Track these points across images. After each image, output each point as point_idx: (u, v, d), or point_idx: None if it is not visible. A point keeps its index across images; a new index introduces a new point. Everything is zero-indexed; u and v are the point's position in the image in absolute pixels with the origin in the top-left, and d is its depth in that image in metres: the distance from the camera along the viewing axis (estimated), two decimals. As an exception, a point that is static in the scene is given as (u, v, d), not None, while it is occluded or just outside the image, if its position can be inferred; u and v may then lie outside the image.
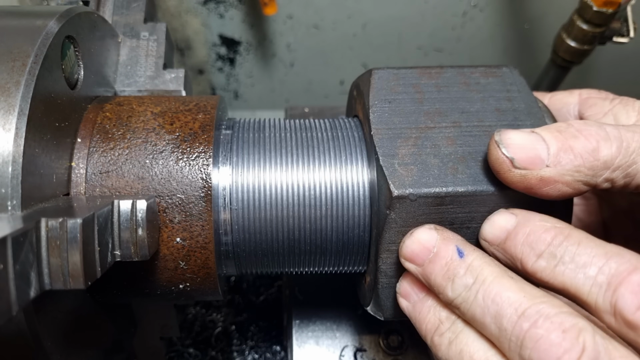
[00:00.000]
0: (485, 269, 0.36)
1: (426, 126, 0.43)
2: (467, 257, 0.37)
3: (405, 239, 0.41)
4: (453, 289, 0.37)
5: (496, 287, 0.35)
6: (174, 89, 0.54)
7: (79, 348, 0.43)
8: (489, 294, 0.35)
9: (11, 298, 0.27)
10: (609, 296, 0.32)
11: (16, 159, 0.34)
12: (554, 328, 0.31)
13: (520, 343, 0.32)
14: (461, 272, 0.37)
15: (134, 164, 0.43)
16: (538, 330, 0.32)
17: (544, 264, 0.35)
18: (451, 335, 0.37)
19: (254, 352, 0.77)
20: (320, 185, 0.45)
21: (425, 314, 0.40)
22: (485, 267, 0.36)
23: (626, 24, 0.81)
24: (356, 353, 0.62)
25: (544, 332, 0.32)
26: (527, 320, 0.32)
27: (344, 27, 1.07)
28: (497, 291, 0.35)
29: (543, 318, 0.32)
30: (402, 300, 0.42)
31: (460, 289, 0.37)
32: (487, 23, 1.08)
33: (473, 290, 0.36)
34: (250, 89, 1.18)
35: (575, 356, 0.30)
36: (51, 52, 0.38)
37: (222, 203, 0.44)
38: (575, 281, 0.34)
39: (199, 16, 1.03)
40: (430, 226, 0.40)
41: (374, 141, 0.42)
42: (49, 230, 0.31)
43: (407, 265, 0.41)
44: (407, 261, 0.40)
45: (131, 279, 0.44)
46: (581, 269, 0.34)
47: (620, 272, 0.32)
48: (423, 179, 0.40)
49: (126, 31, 0.56)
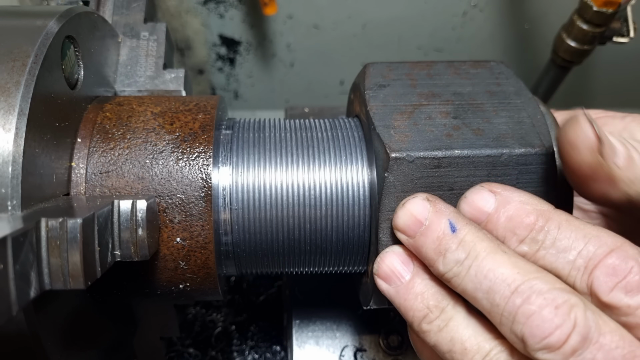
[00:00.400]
0: (477, 244, 0.36)
1: (420, 104, 0.45)
2: (459, 231, 0.37)
3: (398, 209, 0.40)
4: (444, 263, 0.37)
5: (489, 262, 0.35)
6: (174, 89, 0.54)
7: (79, 348, 0.43)
8: (482, 269, 0.35)
9: (11, 298, 0.27)
10: (585, 279, 0.34)
11: (16, 159, 0.34)
12: (547, 304, 0.32)
13: (512, 319, 0.33)
14: (453, 246, 0.37)
15: (134, 164, 0.43)
16: (531, 306, 0.32)
17: (526, 249, 0.36)
18: (440, 323, 0.37)
19: (254, 352, 0.77)
20: (320, 185, 0.45)
21: (411, 302, 0.39)
22: (478, 242, 0.36)
23: (626, 24, 0.81)
24: (356, 353, 0.62)
25: (536, 308, 0.32)
26: (520, 296, 0.33)
27: (344, 27, 1.07)
28: (489, 267, 0.35)
29: (536, 294, 0.32)
30: (382, 282, 0.41)
31: (452, 263, 0.36)
32: (487, 23, 1.08)
33: (465, 265, 0.36)
34: (250, 89, 1.18)
35: (567, 332, 0.31)
36: (51, 52, 0.38)
37: (222, 203, 0.44)
38: (555, 265, 0.35)
39: (199, 16, 1.03)
40: (423, 196, 0.39)
41: (370, 115, 0.43)
42: (49, 230, 0.31)
43: (399, 236, 0.40)
44: (399, 232, 0.40)
45: (131, 279, 0.44)
46: (561, 254, 0.35)
47: (597, 255, 0.34)
48: (419, 143, 0.41)
49: (126, 31, 0.56)
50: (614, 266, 0.33)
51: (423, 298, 0.38)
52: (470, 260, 0.36)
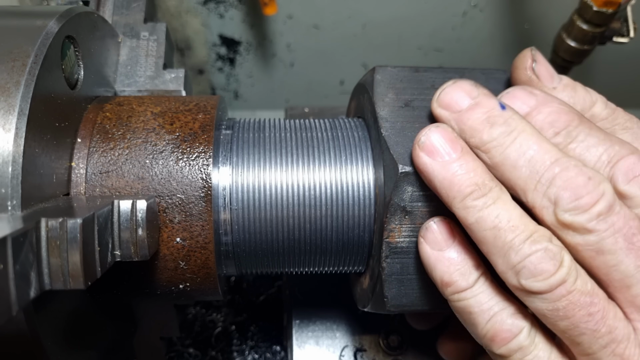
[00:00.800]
0: (524, 124, 0.39)
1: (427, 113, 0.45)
2: (508, 110, 0.40)
3: (445, 86, 0.42)
4: (490, 132, 0.39)
5: (534, 138, 0.38)
6: (174, 89, 0.54)
7: (79, 348, 0.43)
8: (527, 141, 0.38)
9: (11, 298, 0.27)
10: (607, 170, 0.39)
11: (16, 159, 0.34)
12: (582, 174, 0.36)
13: (549, 183, 0.37)
14: (500, 120, 0.39)
15: (134, 164, 0.43)
16: (569, 172, 0.37)
17: (560, 140, 0.40)
18: (488, 200, 0.38)
19: (254, 352, 0.77)
20: (320, 185, 0.45)
21: (459, 176, 0.38)
22: (525, 123, 0.39)
23: (626, 24, 0.81)
24: (356, 353, 0.62)
25: (573, 174, 0.36)
26: (560, 165, 0.37)
27: (344, 27, 1.07)
28: (535, 140, 0.38)
29: (573, 165, 0.37)
30: (425, 156, 0.40)
31: (497, 134, 0.39)
32: (487, 23, 1.08)
33: (511, 136, 0.39)
34: (250, 89, 1.18)
35: (596, 198, 0.36)
36: (51, 52, 0.38)
37: (222, 203, 0.44)
38: (584, 157, 0.40)
39: (199, 16, 1.03)
40: (471, 82, 0.42)
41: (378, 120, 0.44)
42: (49, 230, 0.31)
43: (439, 111, 0.41)
44: (441, 108, 0.41)
45: (131, 279, 0.44)
46: (591, 148, 0.40)
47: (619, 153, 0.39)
48: None
49: (126, 31, 0.56)
50: (633, 163, 0.38)
51: (473, 174, 0.38)
52: (516, 133, 0.39)
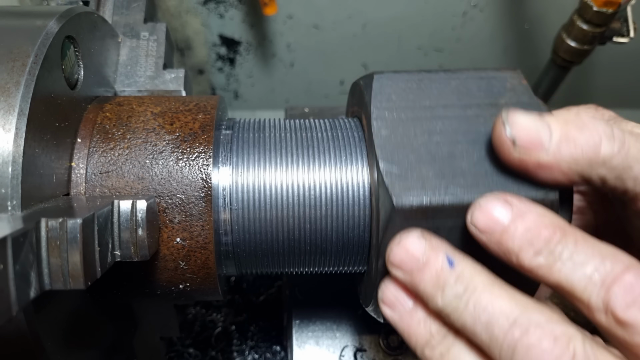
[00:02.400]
0: (475, 278, 0.36)
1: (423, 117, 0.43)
2: (457, 265, 0.37)
3: (393, 245, 0.40)
4: (443, 297, 0.37)
5: (487, 295, 0.35)
6: (174, 89, 0.54)
7: (79, 348, 0.43)
8: (480, 302, 0.35)
9: (11, 298, 0.27)
10: (602, 294, 0.33)
11: (16, 159, 0.34)
12: (545, 335, 0.32)
13: (512, 351, 0.33)
14: (451, 281, 0.37)
15: (134, 164, 0.43)
16: (530, 337, 0.32)
17: (542, 261, 0.35)
18: (443, 349, 0.37)
19: (254, 352, 0.77)
20: (320, 186, 0.45)
21: (415, 327, 0.39)
22: (476, 275, 0.36)
23: (626, 24, 0.81)
24: (356, 353, 0.62)
25: (535, 339, 0.32)
26: (519, 328, 0.33)
27: (344, 27, 1.07)
28: (488, 300, 0.35)
29: (534, 326, 0.33)
30: (387, 309, 0.41)
31: (451, 297, 0.36)
32: (487, 23, 1.08)
33: (464, 299, 0.36)
34: (250, 89, 1.18)
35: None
36: (51, 52, 0.38)
37: (222, 203, 0.44)
38: (571, 278, 0.34)
39: (199, 16, 1.03)
40: (418, 233, 0.39)
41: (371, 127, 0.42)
42: (49, 230, 0.31)
43: (394, 271, 0.40)
44: (394, 268, 0.40)
45: (131, 279, 0.44)
46: (578, 267, 0.34)
47: (614, 271, 0.33)
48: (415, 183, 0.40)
49: (126, 31, 0.56)
50: (631, 283, 0.33)
51: (426, 324, 0.39)
52: (468, 293, 0.36)
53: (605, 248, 0.35)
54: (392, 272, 0.40)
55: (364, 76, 0.48)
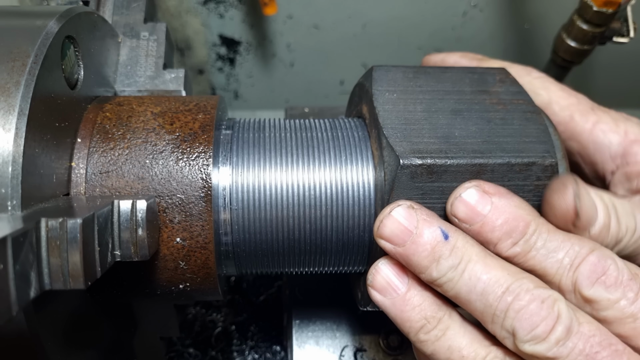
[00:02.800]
0: (469, 250, 0.38)
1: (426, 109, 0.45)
2: (451, 238, 0.38)
3: (383, 217, 0.40)
4: (438, 269, 0.38)
5: (481, 266, 0.37)
6: (174, 89, 0.54)
7: (79, 348, 0.43)
8: (475, 272, 0.37)
9: (11, 298, 0.27)
10: (570, 275, 0.37)
11: (16, 159, 0.34)
12: (534, 299, 0.35)
13: (504, 315, 0.36)
14: (446, 252, 0.38)
15: (134, 164, 0.43)
16: (520, 302, 0.35)
17: (519, 250, 0.38)
18: (438, 333, 0.38)
19: (254, 352, 0.77)
20: (320, 185, 0.45)
21: (409, 313, 0.39)
22: (469, 247, 0.38)
23: (626, 24, 0.81)
24: (356, 353, 0.62)
25: (525, 303, 0.35)
26: (511, 294, 0.36)
27: (344, 27, 1.07)
28: (482, 270, 0.37)
29: (524, 291, 0.36)
30: (377, 294, 0.41)
31: (446, 269, 0.38)
32: (487, 23, 1.08)
33: (459, 269, 0.37)
34: (250, 89, 1.18)
35: (552, 323, 0.35)
36: (51, 52, 0.38)
37: (222, 203, 0.44)
38: (544, 264, 0.38)
39: (199, 16, 1.03)
40: (408, 204, 0.39)
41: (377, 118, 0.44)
42: (49, 230, 0.31)
43: (383, 244, 0.40)
44: (384, 241, 0.39)
45: (131, 279, 0.44)
46: (551, 254, 0.38)
47: (580, 254, 0.38)
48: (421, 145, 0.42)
49: (126, 31, 0.56)
50: (594, 263, 0.37)
51: (420, 309, 0.39)
52: (463, 264, 0.38)
53: (572, 236, 0.39)
54: (381, 245, 0.40)
55: (362, 75, 0.49)
